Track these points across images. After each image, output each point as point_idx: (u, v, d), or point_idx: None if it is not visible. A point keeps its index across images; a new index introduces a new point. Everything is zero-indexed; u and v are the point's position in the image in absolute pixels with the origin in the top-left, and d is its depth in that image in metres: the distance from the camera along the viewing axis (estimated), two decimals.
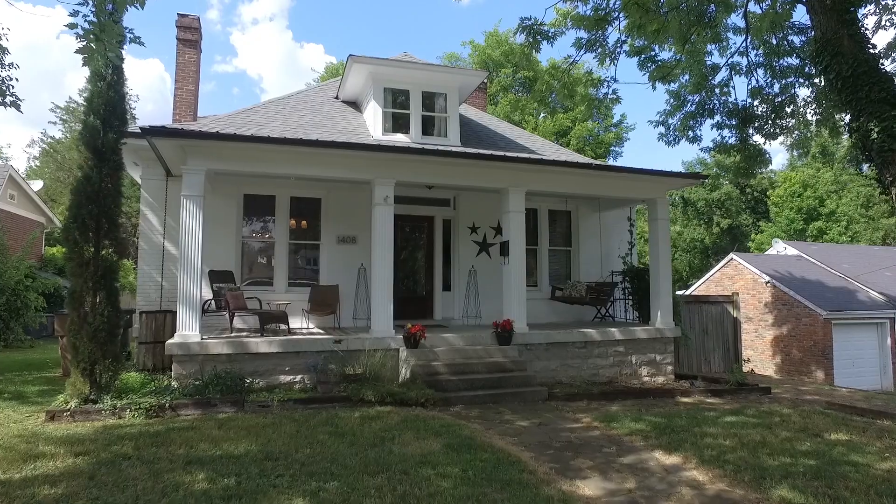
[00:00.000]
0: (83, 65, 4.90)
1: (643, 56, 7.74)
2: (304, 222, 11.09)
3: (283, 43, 78.35)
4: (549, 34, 7.66)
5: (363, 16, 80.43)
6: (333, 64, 36.54)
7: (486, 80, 18.60)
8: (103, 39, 4.91)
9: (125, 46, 7.15)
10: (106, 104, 6.87)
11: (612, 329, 10.33)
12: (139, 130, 8.03)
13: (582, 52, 8.24)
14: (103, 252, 6.81)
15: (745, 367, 11.13)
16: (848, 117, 6.18)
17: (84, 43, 4.74)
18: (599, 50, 8.09)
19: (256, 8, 78.69)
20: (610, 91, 8.45)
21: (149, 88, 60.95)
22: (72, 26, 4.81)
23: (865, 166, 44.12)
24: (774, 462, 5.26)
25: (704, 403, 8.69)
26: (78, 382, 6.51)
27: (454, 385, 8.18)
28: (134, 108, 33.32)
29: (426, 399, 7.50)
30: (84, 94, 7.04)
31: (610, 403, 8.39)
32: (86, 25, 4.84)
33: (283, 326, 9.28)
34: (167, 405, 6.73)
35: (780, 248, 22.65)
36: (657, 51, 9.23)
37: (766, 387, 10.22)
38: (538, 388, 8.51)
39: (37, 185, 23.14)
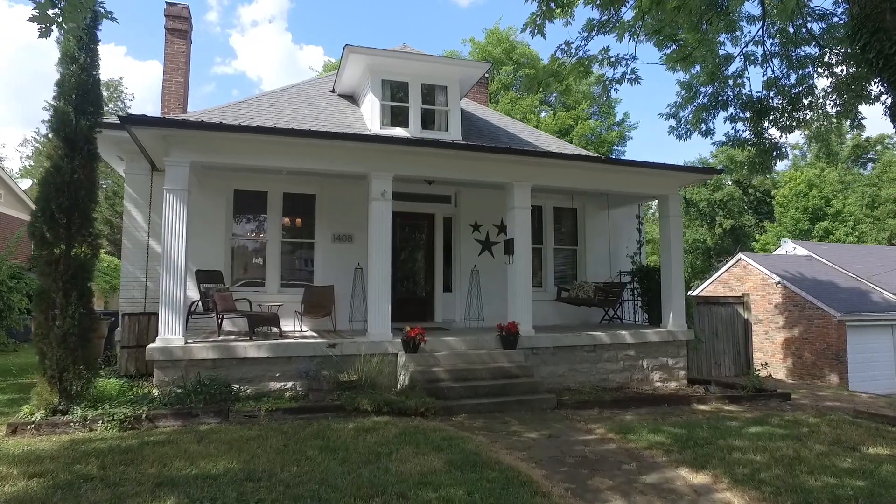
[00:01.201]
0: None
1: (662, 35, 7.17)
2: (297, 220, 10.56)
3: (283, 44, 77.84)
4: (565, 1, 7.10)
5: (363, 17, 79.97)
6: (332, 62, 36.00)
7: (487, 75, 18.08)
8: (65, 10, 4.38)
9: (100, 28, 6.64)
10: (78, 88, 6.31)
11: (623, 332, 9.79)
12: (117, 120, 7.50)
13: (594, 33, 7.70)
14: (75, 249, 6.25)
15: (763, 373, 10.56)
16: (890, 100, 5.67)
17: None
18: (616, 33, 7.53)
19: (256, 10, 78.21)
20: (628, 70, 7.87)
21: (148, 89, 60.50)
22: None
23: (870, 166, 43.70)
24: (817, 482, 4.70)
25: (723, 411, 8.14)
26: (45, 392, 5.95)
27: (456, 392, 7.63)
28: (129, 108, 32.80)
29: (426, 408, 6.95)
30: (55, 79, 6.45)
31: (623, 412, 7.84)
32: None
33: (274, 329, 8.75)
34: (144, 416, 6.16)
35: (789, 247, 22.09)
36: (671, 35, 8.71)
37: (786, 392, 9.68)
38: (546, 396, 7.96)
39: (25, 183, 22.59)
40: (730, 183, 40.21)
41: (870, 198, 37.51)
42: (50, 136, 6.26)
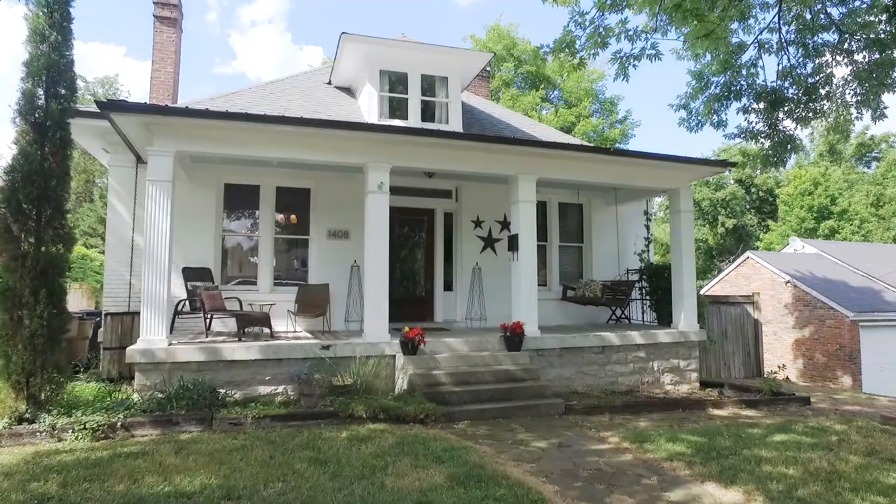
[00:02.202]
0: None
1: (682, 10, 6.67)
2: (291, 215, 10.08)
3: (283, 45, 77.28)
4: None
5: (362, 17, 79.40)
6: (331, 58, 35.55)
7: (489, 68, 17.61)
8: None
9: (73, 5, 6.17)
10: (49, 69, 5.82)
11: (632, 332, 9.30)
12: (96, 107, 7.01)
13: (607, 12, 7.23)
14: (46, 243, 5.77)
15: (780, 375, 10.08)
16: None
17: None
18: (630, 10, 7.04)
19: (255, 10, 77.70)
20: (648, 45, 7.37)
21: (147, 89, 60.03)
22: None
23: (874, 164, 43.19)
24: (864, 502, 4.21)
25: (742, 417, 7.67)
26: (9, 398, 5.46)
27: (458, 397, 7.15)
28: None
29: (426, 414, 6.47)
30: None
31: (636, 417, 7.36)
32: None
33: (265, 330, 8.27)
34: (119, 424, 5.67)
35: (797, 246, 21.61)
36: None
37: (805, 396, 9.19)
38: (553, 400, 7.47)
39: None
40: (732, 182, 39.72)
41: (874, 196, 37.02)
42: (17, 120, 5.76)
